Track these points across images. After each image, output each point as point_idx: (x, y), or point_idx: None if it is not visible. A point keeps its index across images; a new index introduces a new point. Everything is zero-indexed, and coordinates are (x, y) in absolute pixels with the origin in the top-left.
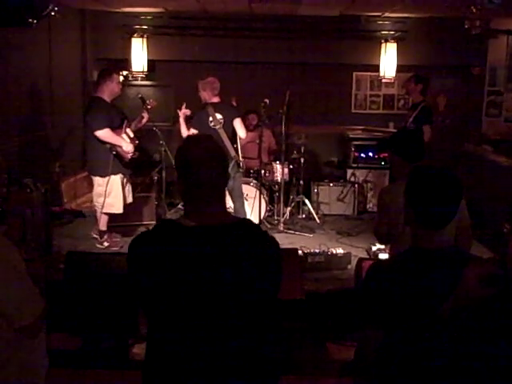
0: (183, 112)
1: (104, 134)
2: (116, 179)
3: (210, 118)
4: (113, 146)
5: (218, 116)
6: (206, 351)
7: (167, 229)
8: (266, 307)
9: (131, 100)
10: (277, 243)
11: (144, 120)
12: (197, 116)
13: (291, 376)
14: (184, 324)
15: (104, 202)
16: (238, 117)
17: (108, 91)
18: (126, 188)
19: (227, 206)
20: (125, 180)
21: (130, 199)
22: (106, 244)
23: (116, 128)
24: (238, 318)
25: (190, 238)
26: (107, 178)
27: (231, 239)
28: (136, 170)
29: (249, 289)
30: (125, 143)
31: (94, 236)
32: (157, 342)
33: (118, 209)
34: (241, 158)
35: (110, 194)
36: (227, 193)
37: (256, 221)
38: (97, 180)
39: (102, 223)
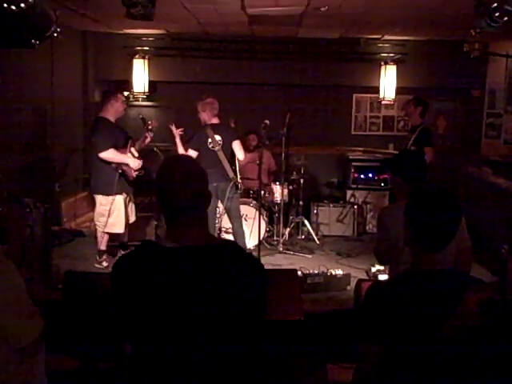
0: (176, 132)
1: (108, 154)
2: (119, 199)
3: (209, 140)
4: (118, 166)
5: (217, 137)
6: (188, 372)
7: (147, 250)
8: (249, 328)
9: (132, 120)
10: (261, 266)
11: (147, 140)
12: (196, 137)
13: None
14: (165, 345)
15: (107, 221)
16: (237, 139)
17: (113, 111)
18: (129, 207)
19: (227, 226)
20: (127, 199)
21: (132, 218)
22: (104, 264)
23: (121, 147)
24: (218, 339)
25: (168, 259)
26: (111, 197)
27: (210, 260)
28: (136, 190)
29: (229, 310)
30: (131, 160)
31: (98, 266)
32: (139, 362)
33: (120, 228)
34: (239, 180)
35: (113, 213)
36: (225, 213)
37: (255, 241)
38: (99, 199)
39: (103, 243)
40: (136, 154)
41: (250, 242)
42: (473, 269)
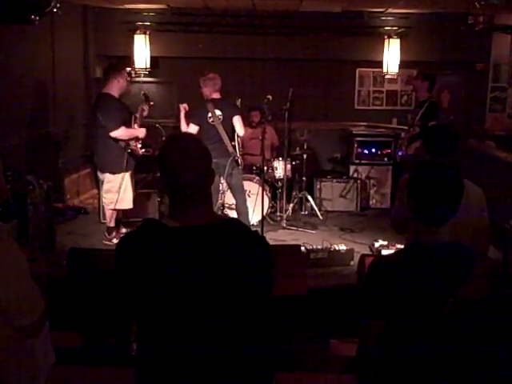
0: (183, 107)
1: (119, 132)
2: (127, 176)
3: (209, 114)
4: (127, 144)
5: (218, 112)
6: (194, 351)
7: (150, 230)
8: (254, 306)
9: (134, 96)
10: (266, 243)
11: (145, 113)
12: (196, 112)
13: (293, 372)
14: (169, 325)
15: (117, 198)
16: (238, 114)
17: (118, 87)
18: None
19: (230, 202)
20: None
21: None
22: (115, 241)
23: (127, 125)
24: (223, 318)
25: (171, 239)
26: (120, 174)
27: (213, 239)
28: (138, 166)
29: (232, 289)
30: (138, 132)
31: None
32: (145, 342)
33: (128, 204)
34: (239, 155)
35: (122, 190)
36: (228, 190)
37: (259, 217)
38: (107, 177)
39: (111, 219)
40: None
41: (254, 217)
42: None
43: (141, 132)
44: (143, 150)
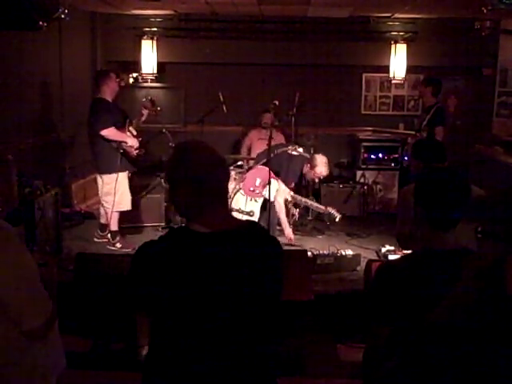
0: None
1: (109, 132)
2: (123, 176)
3: None
4: (119, 144)
5: None
6: (205, 355)
7: (182, 235)
8: (270, 309)
9: (141, 101)
10: (281, 247)
11: (143, 118)
12: None
13: (299, 377)
14: (192, 326)
15: (114, 200)
16: None
17: (109, 91)
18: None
19: (236, 207)
20: (130, 177)
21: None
22: (118, 245)
23: (119, 127)
24: (244, 320)
25: (207, 244)
26: (115, 175)
27: (244, 243)
28: (145, 171)
29: (258, 290)
30: (129, 139)
31: (97, 240)
32: (159, 347)
33: (127, 205)
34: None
35: (118, 191)
36: (236, 194)
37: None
38: (105, 178)
39: (113, 223)
40: (134, 133)
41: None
42: None
43: (131, 140)
44: (137, 151)
